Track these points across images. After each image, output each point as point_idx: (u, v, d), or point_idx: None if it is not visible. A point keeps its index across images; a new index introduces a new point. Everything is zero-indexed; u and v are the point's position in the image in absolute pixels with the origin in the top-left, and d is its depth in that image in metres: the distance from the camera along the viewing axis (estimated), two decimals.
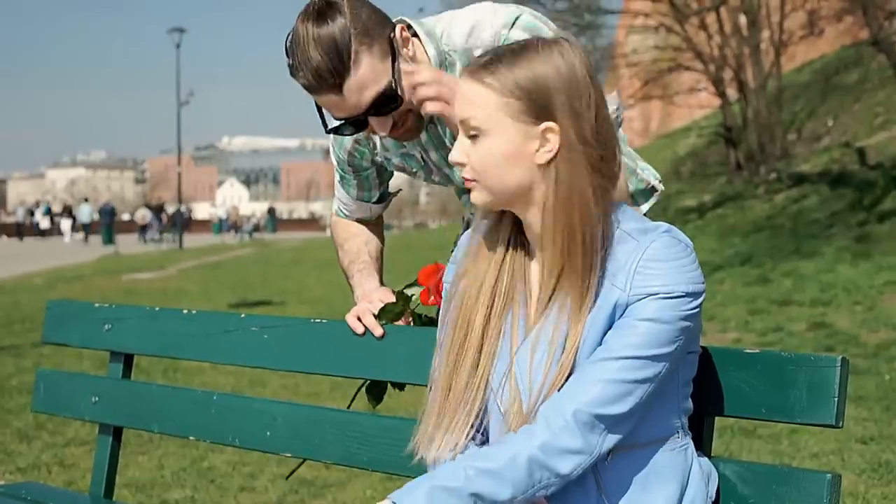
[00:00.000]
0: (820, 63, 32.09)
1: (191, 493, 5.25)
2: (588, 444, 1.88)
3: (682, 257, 1.92)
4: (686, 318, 1.91)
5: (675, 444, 1.98)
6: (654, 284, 1.89)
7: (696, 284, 1.92)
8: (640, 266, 1.91)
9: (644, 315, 1.90)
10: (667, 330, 1.89)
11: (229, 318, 3.05)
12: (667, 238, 1.93)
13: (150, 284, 19.69)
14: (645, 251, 1.91)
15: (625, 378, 1.88)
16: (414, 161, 2.73)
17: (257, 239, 54.76)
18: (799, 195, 19.03)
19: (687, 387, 2.02)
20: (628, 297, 1.91)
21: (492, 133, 1.96)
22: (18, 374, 8.78)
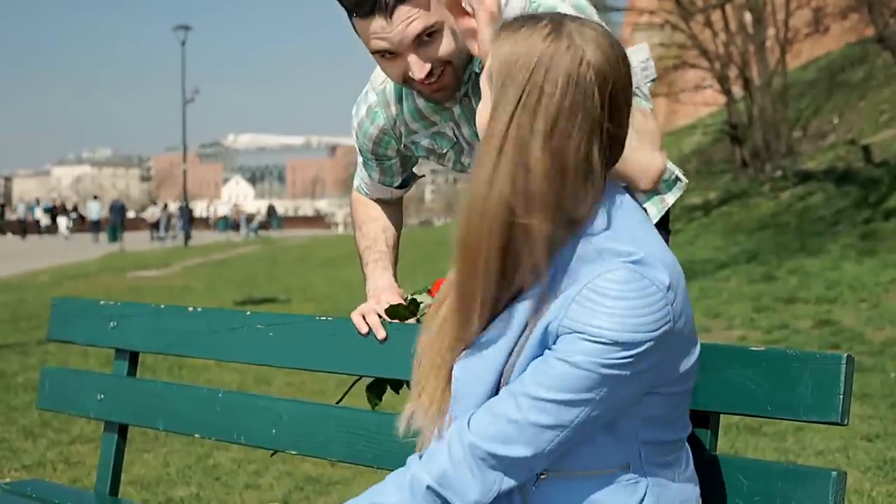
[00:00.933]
0: (825, 60, 32.04)
1: (196, 491, 5.25)
2: (485, 483, 1.77)
3: (635, 298, 1.69)
4: (611, 367, 1.68)
5: (619, 478, 1.81)
6: (585, 322, 1.69)
7: (636, 334, 1.68)
8: (581, 296, 1.70)
9: (563, 355, 1.71)
10: (585, 376, 1.69)
11: (235, 315, 3.05)
12: (627, 272, 1.70)
13: (156, 282, 19.70)
14: (594, 280, 1.71)
15: (531, 420, 1.73)
16: (445, 140, 2.68)
17: (263, 236, 54.76)
18: (804, 193, 19.02)
19: (656, 422, 1.82)
20: (558, 327, 1.72)
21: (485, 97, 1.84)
22: (24, 372, 8.79)
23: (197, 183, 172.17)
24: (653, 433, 1.83)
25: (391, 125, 2.71)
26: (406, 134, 2.72)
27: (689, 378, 1.84)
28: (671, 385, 1.81)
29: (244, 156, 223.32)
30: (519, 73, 1.74)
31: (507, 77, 1.76)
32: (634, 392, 1.75)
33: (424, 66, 2.37)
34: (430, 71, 2.39)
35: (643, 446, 1.82)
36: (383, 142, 2.77)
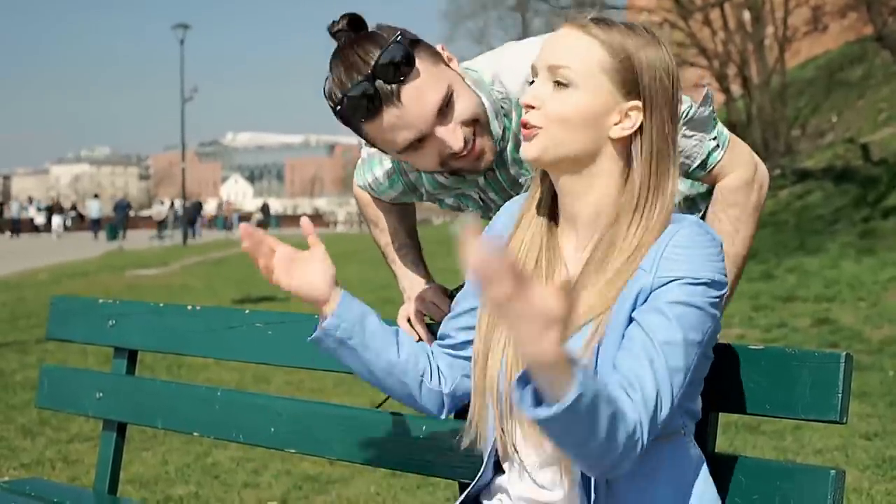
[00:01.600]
0: (824, 59, 32.03)
1: (195, 489, 5.25)
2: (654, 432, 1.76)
3: (710, 247, 1.86)
4: (712, 305, 1.84)
5: (677, 441, 1.90)
6: (679, 269, 1.83)
7: (721, 275, 1.86)
8: (667, 251, 1.85)
9: (672, 298, 1.81)
10: (696, 314, 1.82)
11: (233, 313, 3.05)
12: (695, 227, 1.88)
13: (155, 280, 19.70)
14: (672, 237, 1.86)
15: (668, 365, 1.78)
16: (471, 201, 2.59)
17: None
18: (803, 191, 19.03)
19: (694, 386, 1.92)
20: (652, 281, 1.84)
21: (581, 88, 1.90)
22: (23, 370, 8.79)
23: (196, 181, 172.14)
24: (689, 403, 1.93)
25: (411, 189, 2.62)
26: (428, 195, 2.63)
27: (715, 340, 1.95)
28: (711, 346, 1.92)
29: (243, 154, 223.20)
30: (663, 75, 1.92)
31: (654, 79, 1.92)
32: (713, 339, 1.89)
33: (457, 132, 2.22)
34: (464, 138, 2.25)
35: (685, 416, 1.92)
36: (403, 197, 2.71)
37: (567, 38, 1.93)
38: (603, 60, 1.89)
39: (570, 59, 1.90)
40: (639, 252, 1.88)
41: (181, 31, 43.85)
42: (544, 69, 1.94)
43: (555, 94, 1.91)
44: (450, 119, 2.21)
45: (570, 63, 1.90)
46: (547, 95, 1.92)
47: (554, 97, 1.91)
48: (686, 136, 2.32)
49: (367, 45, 2.18)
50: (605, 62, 1.89)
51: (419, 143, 2.21)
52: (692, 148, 2.37)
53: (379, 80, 2.15)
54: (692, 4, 24.03)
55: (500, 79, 2.33)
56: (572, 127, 1.90)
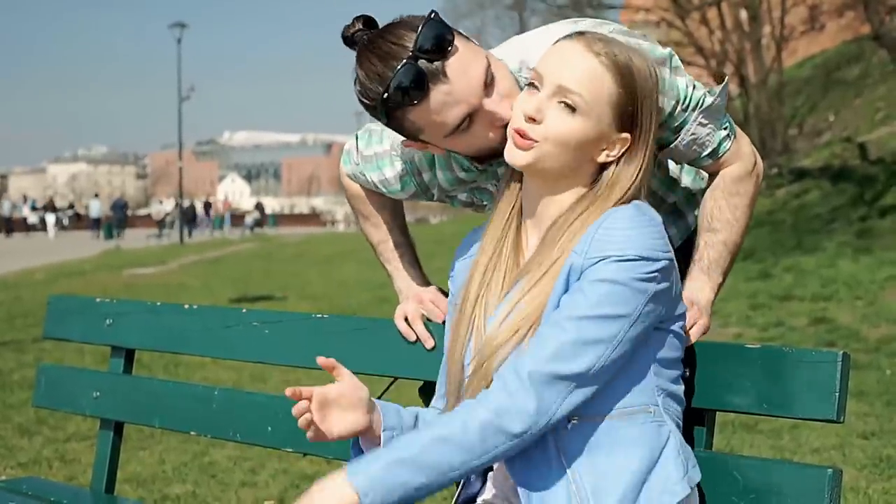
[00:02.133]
0: (821, 58, 32.04)
1: (192, 488, 5.25)
2: (544, 403, 1.87)
3: (643, 226, 1.93)
4: (643, 280, 1.89)
5: (645, 419, 1.95)
6: (608, 248, 1.90)
7: (655, 251, 1.91)
8: (599, 233, 1.92)
9: (597, 276, 1.89)
10: (620, 291, 1.88)
11: (230, 313, 3.06)
12: (632, 209, 1.95)
13: (152, 279, 19.69)
14: (606, 219, 1.93)
15: (580, 337, 1.87)
16: (486, 194, 2.57)
17: (259, 234, 54.79)
18: (800, 190, 19.02)
19: (666, 366, 1.99)
20: (583, 261, 1.91)
21: (586, 116, 1.97)
22: (20, 369, 8.79)
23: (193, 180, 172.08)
24: (665, 382, 1.99)
25: (423, 190, 2.59)
26: (441, 193, 2.60)
27: (682, 319, 2.03)
28: (674, 321, 1.99)
29: (240, 153, 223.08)
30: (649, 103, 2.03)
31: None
32: (657, 313, 1.94)
33: (504, 103, 2.15)
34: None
35: (660, 394, 1.98)
36: (413, 199, 2.67)
37: (583, 62, 1.97)
38: (612, 94, 1.97)
39: (583, 88, 1.96)
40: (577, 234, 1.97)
41: (178, 30, 43.83)
42: (553, 85, 1.97)
43: (559, 115, 1.97)
44: (495, 91, 2.16)
45: (581, 91, 1.96)
46: (551, 113, 1.97)
47: (558, 118, 1.97)
48: (701, 123, 2.35)
49: (398, 32, 2.14)
50: (614, 96, 1.97)
51: (470, 120, 2.15)
52: (705, 136, 2.39)
53: (422, 60, 2.09)
54: (689, 3, 24.03)
55: (527, 65, 2.28)
56: (568, 149, 1.98)
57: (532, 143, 1.97)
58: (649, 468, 1.93)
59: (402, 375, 2.67)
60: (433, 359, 2.52)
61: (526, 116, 1.98)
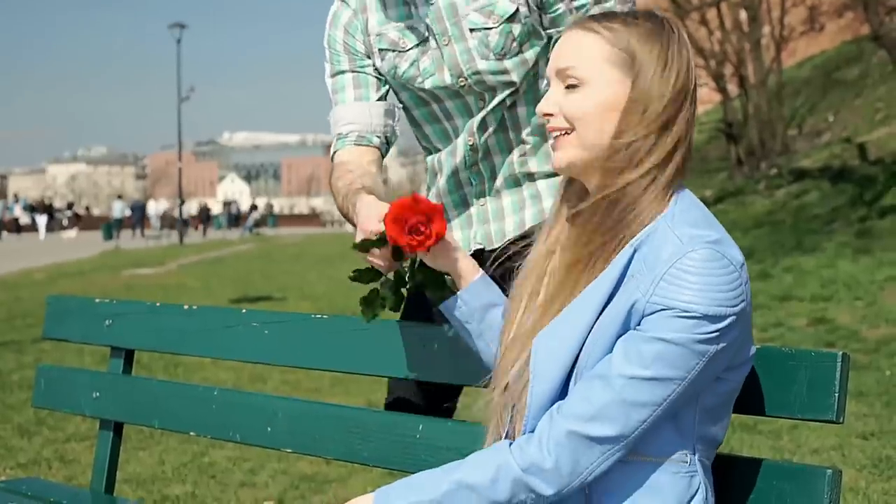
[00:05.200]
0: (821, 58, 32.06)
1: (191, 489, 5.25)
2: (579, 466, 1.80)
3: (718, 275, 1.77)
4: (703, 342, 1.76)
5: (679, 468, 1.86)
6: (674, 298, 1.76)
7: (724, 307, 1.76)
8: (669, 274, 1.77)
9: (655, 332, 1.77)
10: (678, 353, 1.76)
11: (230, 313, 3.05)
12: (709, 251, 1.78)
13: (151, 280, 19.69)
14: (679, 259, 1.77)
15: (627, 399, 1.78)
16: (414, 35, 2.63)
17: (258, 234, 54.78)
18: (800, 191, 19.03)
19: (712, 414, 1.89)
20: (645, 305, 1.78)
21: (592, 83, 1.91)
22: (19, 370, 8.78)
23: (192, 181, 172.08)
24: (706, 429, 1.89)
25: (361, 9, 2.70)
26: (377, 21, 2.67)
27: (746, 366, 1.91)
28: (737, 371, 1.89)
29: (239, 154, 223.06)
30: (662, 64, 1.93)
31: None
32: (714, 371, 1.82)
33: None
34: None
35: (699, 441, 1.88)
36: (352, 27, 2.71)
37: (570, 39, 1.95)
38: (606, 52, 1.91)
39: (576, 59, 1.92)
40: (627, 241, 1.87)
41: (178, 31, 43.86)
42: (553, 76, 1.96)
43: (569, 96, 1.92)
44: None
45: (576, 63, 1.92)
46: (562, 99, 1.93)
47: (569, 99, 1.92)
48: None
49: None
50: (610, 53, 1.91)
51: None
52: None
53: None
54: (689, 4, 24.02)
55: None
56: (595, 122, 1.90)
57: (563, 134, 1.93)
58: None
59: (406, 376, 2.66)
60: (434, 360, 2.52)
61: (542, 114, 1.96)
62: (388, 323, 2.64)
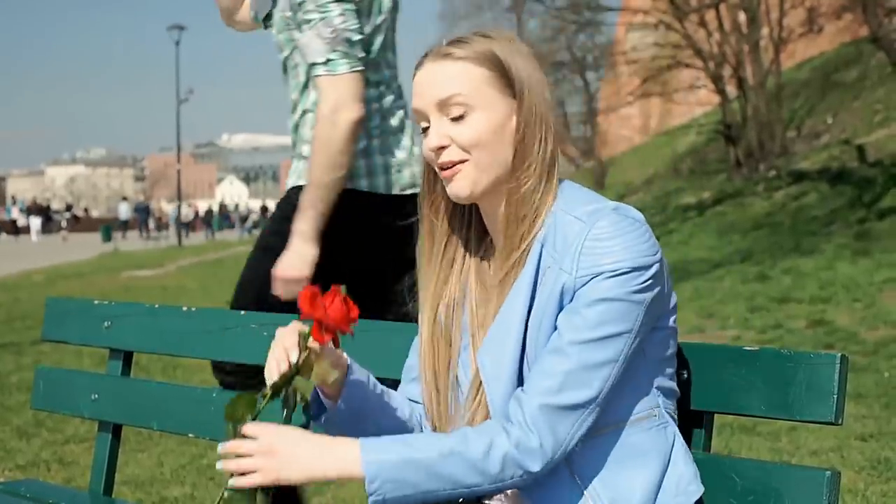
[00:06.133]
0: (819, 60, 32.07)
1: (190, 491, 5.25)
2: (558, 437, 1.85)
3: (629, 232, 1.87)
4: (638, 292, 1.86)
5: (651, 423, 1.95)
6: (599, 263, 1.85)
7: (645, 257, 1.86)
8: (585, 247, 1.86)
9: (593, 296, 1.85)
10: (619, 307, 1.85)
11: (229, 315, 3.05)
12: (613, 215, 1.88)
13: (150, 282, 19.69)
14: (589, 231, 1.87)
15: (585, 362, 1.85)
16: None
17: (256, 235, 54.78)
18: (798, 192, 19.03)
19: (661, 365, 1.97)
20: (575, 281, 1.87)
21: (478, 107, 1.94)
22: (18, 372, 8.78)
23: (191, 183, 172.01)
24: (661, 380, 1.98)
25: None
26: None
27: (674, 312, 1.99)
28: (668, 317, 1.97)
29: (238, 156, 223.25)
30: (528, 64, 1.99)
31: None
32: (651, 320, 1.91)
33: None
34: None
35: (660, 394, 1.97)
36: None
37: (439, 71, 1.96)
38: (482, 74, 1.94)
39: (456, 87, 1.94)
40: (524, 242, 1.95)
41: (177, 33, 43.89)
42: (433, 110, 1.97)
43: (459, 127, 1.95)
44: None
45: (457, 90, 1.94)
46: (451, 130, 1.95)
47: (458, 128, 1.95)
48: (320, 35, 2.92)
49: None
50: (484, 75, 1.95)
51: None
52: (309, 48, 2.89)
53: None
54: (687, 5, 24.03)
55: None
56: (489, 147, 1.94)
57: (458, 165, 1.95)
58: (662, 472, 1.94)
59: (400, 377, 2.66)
60: None
61: (433, 149, 1.97)
62: (389, 325, 2.64)
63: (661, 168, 33.70)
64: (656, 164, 35.30)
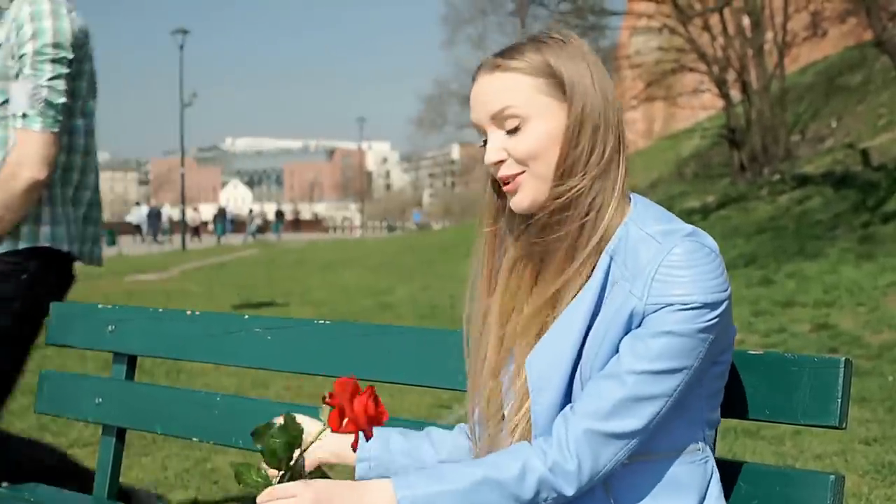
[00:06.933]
0: (823, 64, 32.06)
1: (194, 495, 5.25)
2: (598, 463, 1.84)
3: (705, 264, 1.83)
4: (705, 329, 1.83)
5: (694, 457, 1.93)
6: (671, 294, 1.82)
7: (717, 293, 1.83)
8: (660, 273, 1.83)
9: (660, 327, 1.82)
10: (683, 343, 1.82)
11: (233, 319, 3.05)
12: (689, 243, 1.84)
13: (154, 286, 19.70)
14: (665, 257, 1.83)
15: (639, 393, 1.83)
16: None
17: (261, 240, 54.81)
18: (802, 196, 19.02)
19: (713, 399, 1.96)
20: (644, 307, 1.84)
21: (533, 117, 1.92)
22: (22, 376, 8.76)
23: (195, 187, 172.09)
24: (710, 414, 1.96)
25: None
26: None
27: (732, 347, 1.97)
28: (727, 351, 1.95)
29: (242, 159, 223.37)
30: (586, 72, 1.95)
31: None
32: (711, 356, 1.89)
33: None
34: None
35: (705, 427, 1.96)
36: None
37: (490, 84, 1.94)
38: (533, 83, 1.92)
39: (507, 99, 1.92)
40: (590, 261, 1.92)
41: (180, 37, 43.99)
42: (489, 123, 1.95)
43: (514, 139, 1.93)
44: None
45: (509, 102, 1.92)
46: (507, 144, 1.94)
47: (514, 140, 1.93)
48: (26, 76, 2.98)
49: None
50: (536, 83, 1.92)
51: None
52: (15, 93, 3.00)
53: None
54: (691, 10, 24.03)
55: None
56: (545, 155, 1.92)
57: (518, 177, 1.93)
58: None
59: (407, 382, 2.66)
60: (437, 366, 2.52)
61: (492, 165, 1.95)
62: (391, 328, 2.64)
63: (665, 172, 33.68)
64: (660, 168, 35.28)
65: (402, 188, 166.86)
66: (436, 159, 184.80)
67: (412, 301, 14.79)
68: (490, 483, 1.84)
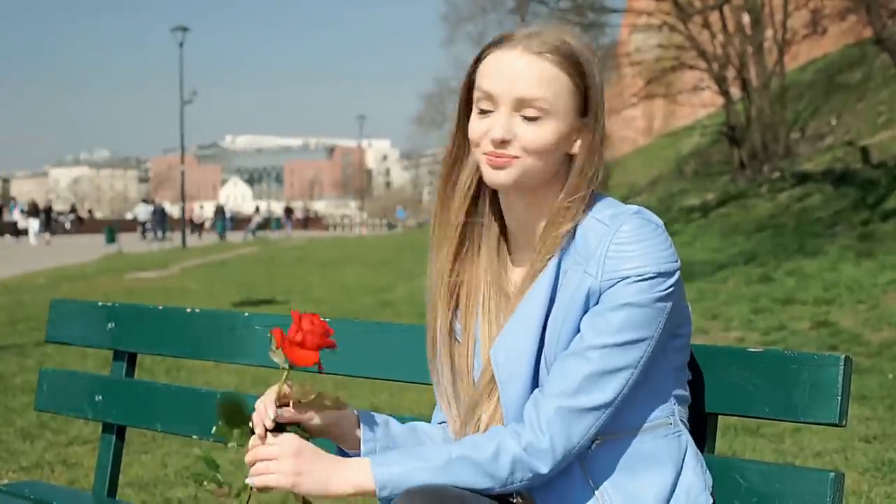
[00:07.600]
0: (823, 62, 32.06)
1: (194, 492, 5.25)
2: (570, 440, 1.88)
3: (653, 237, 1.89)
4: (661, 298, 1.88)
5: (667, 431, 1.96)
6: (624, 268, 1.87)
7: (668, 263, 1.89)
8: (610, 251, 1.89)
9: (618, 300, 1.87)
10: (642, 313, 1.87)
11: (233, 316, 3.05)
12: (636, 220, 1.91)
13: (154, 283, 19.69)
14: (614, 235, 1.89)
15: (605, 367, 1.87)
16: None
17: (261, 237, 54.82)
18: (802, 194, 19.04)
19: (678, 373, 2.00)
20: (601, 284, 1.89)
21: (553, 116, 1.94)
22: (22, 373, 8.78)
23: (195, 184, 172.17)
24: (678, 388, 2.00)
25: None
26: None
27: (689, 321, 2.02)
28: (686, 325, 2.00)
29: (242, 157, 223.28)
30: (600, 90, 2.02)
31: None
32: (671, 326, 1.93)
33: None
34: None
35: (675, 401, 2.00)
36: None
37: (531, 67, 1.93)
38: (568, 86, 1.94)
39: (543, 91, 1.93)
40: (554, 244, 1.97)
41: (180, 34, 43.98)
42: (510, 101, 1.94)
43: (528, 127, 1.94)
44: None
45: (542, 95, 1.93)
46: (519, 129, 1.94)
47: (528, 130, 1.94)
48: None
49: None
50: (570, 87, 1.95)
51: None
52: None
53: None
54: (691, 7, 24.02)
55: None
56: (547, 154, 1.95)
57: (511, 159, 1.93)
58: (674, 481, 1.95)
59: (407, 379, 2.66)
60: None
61: (495, 142, 1.94)
62: (391, 326, 2.64)
63: (665, 170, 33.70)
64: (660, 165, 35.30)
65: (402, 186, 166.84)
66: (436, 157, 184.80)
67: (412, 299, 14.78)
68: (465, 461, 1.88)
